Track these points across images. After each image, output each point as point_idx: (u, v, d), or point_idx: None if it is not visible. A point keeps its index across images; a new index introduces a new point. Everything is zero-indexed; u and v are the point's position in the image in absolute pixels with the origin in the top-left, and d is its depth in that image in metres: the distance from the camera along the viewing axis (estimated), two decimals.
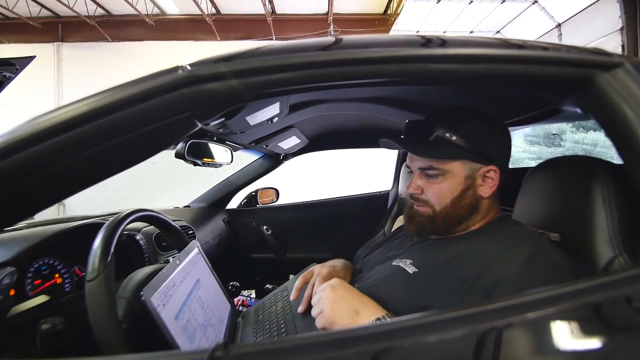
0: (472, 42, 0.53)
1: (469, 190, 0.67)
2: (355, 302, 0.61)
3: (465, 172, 0.66)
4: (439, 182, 0.67)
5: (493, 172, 0.67)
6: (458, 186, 0.67)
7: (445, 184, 0.67)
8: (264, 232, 1.92)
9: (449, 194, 0.67)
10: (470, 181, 0.67)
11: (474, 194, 0.67)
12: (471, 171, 0.67)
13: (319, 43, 0.49)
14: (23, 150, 0.41)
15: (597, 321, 0.39)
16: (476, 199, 0.68)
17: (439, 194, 0.68)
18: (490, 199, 0.69)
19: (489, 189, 0.67)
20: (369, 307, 0.60)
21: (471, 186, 0.67)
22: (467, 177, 0.67)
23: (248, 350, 0.33)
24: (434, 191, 0.68)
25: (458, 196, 0.67)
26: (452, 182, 0.67)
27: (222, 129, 0.92)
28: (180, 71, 0.44)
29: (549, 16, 6.81)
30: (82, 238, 0.89)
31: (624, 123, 0.50)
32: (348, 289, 0.64)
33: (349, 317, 0.59)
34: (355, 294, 0.63)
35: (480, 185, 0.67)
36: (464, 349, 0.34)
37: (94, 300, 0.57)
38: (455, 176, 0.67)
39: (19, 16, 6.54)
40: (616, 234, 0.53)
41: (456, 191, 0.67)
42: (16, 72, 1.43)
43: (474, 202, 0.68)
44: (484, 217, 0.69)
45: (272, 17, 6.88)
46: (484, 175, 0.67)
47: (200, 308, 0.80)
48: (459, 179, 0.67)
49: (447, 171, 0.67)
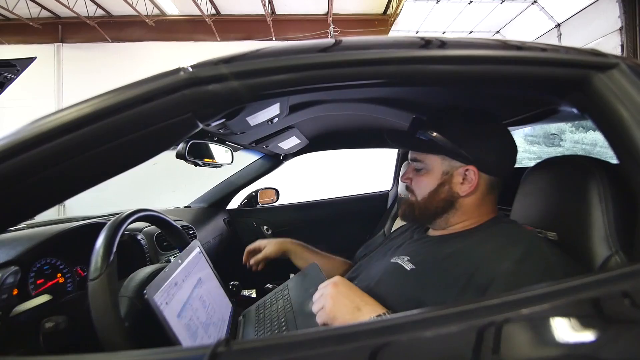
0: (469, 44, 0.53)
1: (445, 186, 0.70)
2: (357, 299, 0.62)
3: (443, 167, 0.70)
4: (422, 175, 0.73)
5: (472, 172, 0.68)
6: (435, 180, 0.71)
7: (425, 177, 0.72)
8: (264, 232, 1.93)
9: (427, 186, 0.72)
10: (447, 177, 0.70)
11: (450, 190, 0.70)
12: (450, 168, 0.70)
13: (319, 45, 0.50)
14: (28, 151, 0.41)
15: (592, 317, 0.40)
16: (452, 195, 0.70)
17: (420, 186, 0.73)
18: (472, 198, 0.70)
19: (468, 188, 0.69)
20: (369, 304, 0.61)
21: (447, 182, 0.70)
22: (445, 172, 0.70)
23: (250, 346, 0.34)
24: (417, 182, 0.74)
25: (434, 190, 0.71)
26: (431, 175, 0.71)
27: (222, 130, 0.93)
28: (182, 73, 0.45)
29: (548, 16, 6.82)
30: (84, 238, 0.90)
31: (619, 123, 0.50)
32: (350, 286, 0.65)
33: (350, 313, 0.60)
34: (357, 291, 0.64)
35: (460, 184, 0.69)
36: (461, 344, 0.35)
37: (97, 299, 0.58)
38: (433, 170, 0.71)
39: (19, 17, 6.54)
40: (612, 233, 0.54)
41: (433, 185, 0.71)
42: (17, 73, 1.44)
43: (449, 199, 0.70)
44: (467, 217, 0.71)
45: (271, 17, 6.89)
46: (463, 173, 0.69)
47: (202, 307, 0.81)
48: (437, 174, 0.71)
49: (429, 164, 0.72)
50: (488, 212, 0.72)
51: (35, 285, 0.80)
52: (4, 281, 0.64)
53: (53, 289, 0.84)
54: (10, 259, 0.70)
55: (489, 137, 0.70)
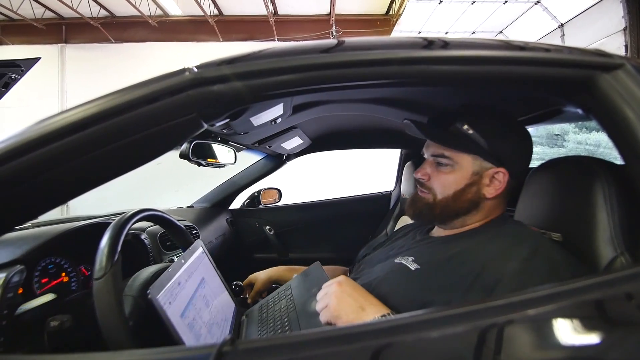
0: (473, 44, 0.53)
1: (473, 187, 0.68)
2: (361, 299, 0.61)
3: (474, 167, 0.67)
4: (446, 172, 0.68)
5: (502, 175, 0.67)
6: (463, 180, 0.67)
7: (452, 176, 0.68)
8: (267, 232, 1.93)
9: (453, 185, 0.68)
10: (476, 178, 0.67)
11: (478, 192, 0.68)
12: (480, 168, 0.67)
13: (324, 45, 0.50)
14: (35, 150, 0.42)
15: (598, 318, 0.40)
16: (479, 197, 0.68)
17: (444, 184, 0.69)
18: (494, 200, 0.69)
19: (494, 191, 0.67)
20: (374, 305, 0.60)
21: (476, 183, 0.67)
22: (475, 173, 0.67)
23: (255, 345, 0.34)
24: (440, 180, 0.69)
25: (461, 190, 0.68)
26: (459, 174, 0.68)
27: (226, 130, 0.93)
28: (187, 73, 0.45)
29: (551, 16, 6.79)
30: (88, 237, 0.90)
31: (624, 124, 0.50)
32: (354, 286, 0.64)
33: (354, 312, 0.59)
34: (361, 291, 0.64)
35: (486, 185, 0.67)
36: (467, 345, 0.35)
37: (102, 298, 0.58)
38: (463, 169, 0.67)
39: (23, 18, 6.58)
40: (617, 234, 0.53)
41: (460, 184, 0.68)
42: (22, 73, 1.44)
43: (476, 200, 0.68)
44: (485, 217, 0.70)
45: (274, 18, 6.89)
46: (492, 175, 0.67)
47: (205, 306, 0.81)
48: (465, 173, 0.67)
49: (457, 163, 0.67)
50: (496, 213, 0.71)
51: (40, 284, 0.81)
52: (9, 280, 0.65)
53: (57, 288, 0.84)
54: (15, 258, 0.71)
55: (520, 140, 0.69)
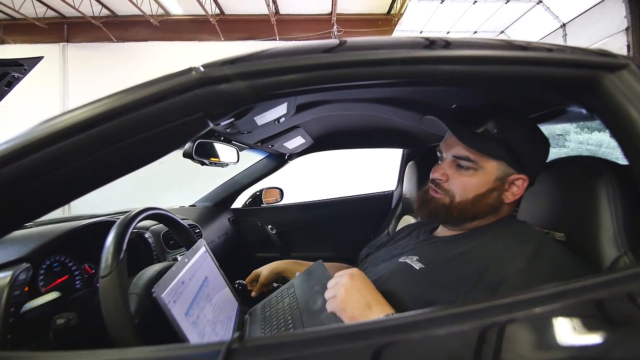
0: (476, 44, 0.53)
1: (494, 192, 0.67)
2: (369, 296, 0.61)
3: (498, 173, 0.66)
4: (469, 175, 0.67)
5: (522, 181, 0.66)
6: (486, 185, 0.66)
7: (475, 179, 0.66)
8: (269, 231, 1.93)
9: (474, 189, 0.67)
10: (499, 183, 0.66)
11: (498, 197, 0.67)
12: (504, 174, 0.66)
13: (330, 44, 0.50)
14: (42, 149, 0.42)
15: (601, 317, 0.40)
16: (499, 202, 0.67)
17: (465, 187, 0.67)
18: (510, 207, 0.69)
19: (512, 197, 0.67)
20: (380, 304, 0.60)
21: (498, 189, 0.67)
22: (498, 178, 0.66)
23: (263, 342, 0.35)
24: (461, 183, 0.67)
25: (482, 194, 0.67)
26: (482, 179, 0.66)
27: (230, 129, 0.93)
28: (193, 73, 0.45)
29: (553, 16, 6.78)
30: (93, 236, 0.91)
31: (629, 124, 0.50)
32: (365, 282, 0.63)
33: (360, 309, 0.59)
34: (370, 288, 0.63)
35: (506, 191, 0.67)
36: (474, 343, 0.35)
37: (108, 296, 0.58)
38: (487, 174, 0.66)
39: (25, 17, 6.59)
40: (621, 234, 0.54)
41: (482, 189, 0.66)
42: (24, 72, 1.45)
43: (495, 205, 0.67)
44: (495, 218, 0.70)
45: (275, 17, 6.89)
46: (512, 181, 0.67)
47: (209, 305, 0.82)
48: (489, 178, 0.66)
49: (482, 167, 0.66)
50: (504, 214, 0.71)
51: (45, 282, 0.81)
52: (16, 278, 0.65)
53: (62, 286, 0.85)
54: (22, 256, 0.71)
55: (542, 147, 0.68)
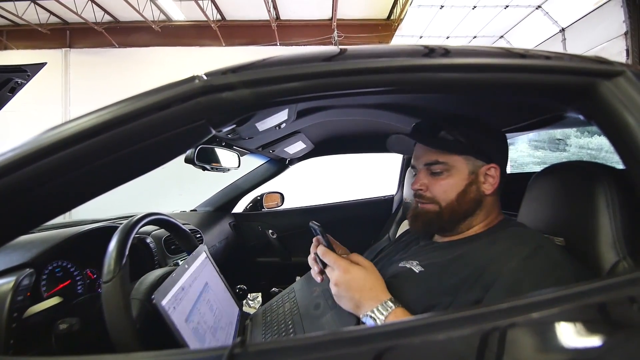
0: (475, 52, 0.54)
1: (472, 186, 0.70)
2: (357, 295, 0.62)
3: (469, 167, 0.70)
4: (444, 178, 0.71)
5: (494, 170, 0.71)
6: (462, 181, 0.70)
7: (451, 179, 0.70)
8: (269, 236, 1.94)
9: (454, 188, 0.70)
10: (473, 177, 0.70)
11: (478, 190, 0.71)
12: (474, 167, 0.70)
13: (330, 53, 0.51)
14: (47, 157, 0.43)
15: (600, 321, 0.40)
16: (480, 194, 0.71)
17: (445, 189, 0.70)
18: (493, 197, 0.72)
19: (491, 187, 0.71)
20: (367, 299, 0.61)
21: (474, 182, 0.71)
22: (471, 172, 0.70)
23: (265, 347, 0.35)
24: (440, 187, 0.71)
25: (463, 191, 0.70)
26: (457, 177, 0.70)
27: (231, 135, 0.94)
28: (197, 81, 0.46)
29: (552, 21, 6.81)
30: (95, 241, 0.92)
31: (625, 130, 0.51)
32: (350, 280, 0.64)
33: (353, 309, 0.63)
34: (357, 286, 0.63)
35: (483, 183, 0.71)
36: (472, 348, 0.35)
37: (110, 301, 0.59)
38: (459, 171, 0.70)
39: (27, 23, 6.64)
40: (620, 238, 0.54)
41: (461, 186, 0.70)
42: (28, 78, 1.46)
43: (478, 198, 0.71)
44: (487, 216, 0.72)
45: (276, 22, 6.94)
46: (485, 173, 0.71)
47: (210, 311, 0.82)
48: (463, 174, 0.70)
49: (452, 166, 0.70)
50: (496, 215, 0.73)
51: (47, 287, 0.82)
52: (20, 283, 0.66)
53: (64, 291, 0.85)
54: (25, 262, 0.72)
55: (497, 139, 0.74)
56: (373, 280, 0.65)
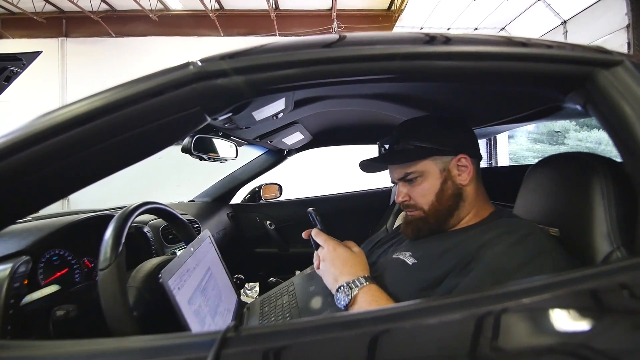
0: (474, 40, 0.54)
1: (448, 182, 0.72)
2: (336, 271, 0.69)
3: (438, 166, 0.72)
4: (419, 183, 0.73)
5: (464, 160, 0.72)
6: (436, 180, 0.72)
7: (425, 183, 0.73)
8: (267, 227, 1.94)
9: (431, 190, 0.72)
10: (446, 173, 0.72)
11: (454, 184, 0.72)
12: (443, 164, 0.72)
13: (328, 39, 0.50)
14: (40, 143, 0.42)
15: (592, 308, 0.41)
16: (457, 188, 0.72)
17: (422, 194, 0.73)
18: (473, 186, 0.73)
19: (467, 176, 0.72)
20: (345, 274, 0.68)
21: (448, 177, 0.72)
22: (442, 170, 0.72)
23: (257, 332, 0.35)
24: (419, 193, 0.73)
25: (440, 190, 0.72)
26: (430, 179, 0.72)
27: (228, 124, 0.94)
28: (191, 67, 0.46)
29: (554, 13, 6.74)
30: (92, 230, 0.92)
31: (622, 120, 0.51)
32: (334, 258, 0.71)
33: (331, 283, 0.70)
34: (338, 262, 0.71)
35: (458, 175, 0.72)
36: (464, 331, 0.36)
37: (107, 288, 0.59)
38: (431, 173, 0.72)
39: (23, 11, 6.55)
40: (614, 229, 0.54)
41: (436, 186, 0.72)
42: (23, 67, 1.45)
43: (457, 192, 0.72)
44: (473, 206, 0.73)
45: (275, 12, 6.86)
46: (457, 165, 0.72)
47: (211, 295, 0.83)
48: (435, 174, 0.72)
49: (423, 171, 0.72)
50: (486, 205, 0.74)
51: (44, 275, 0.82)
52: (16, 270, 0.66)
53: (61, 280, 0.86)
54: (21, 249, 0.72)
55: (460, 129, 0.76)
56: (356, 260, 0.71)
